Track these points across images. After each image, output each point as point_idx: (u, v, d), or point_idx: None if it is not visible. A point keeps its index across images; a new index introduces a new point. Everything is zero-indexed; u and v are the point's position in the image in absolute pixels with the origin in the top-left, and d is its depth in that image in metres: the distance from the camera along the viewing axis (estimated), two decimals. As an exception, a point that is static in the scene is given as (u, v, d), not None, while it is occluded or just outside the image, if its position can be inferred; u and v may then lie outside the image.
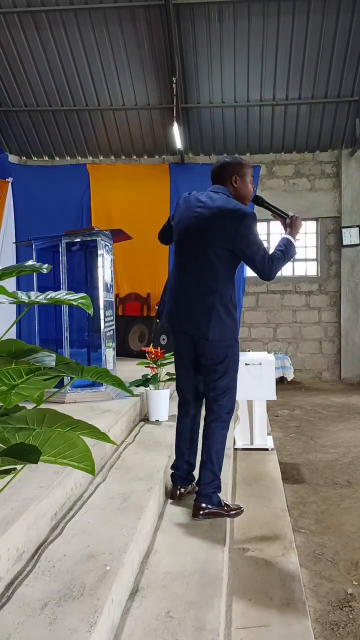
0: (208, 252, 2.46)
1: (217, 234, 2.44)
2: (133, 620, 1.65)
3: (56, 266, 3.83)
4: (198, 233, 2.48)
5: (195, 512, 2.44)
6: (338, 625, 2.25)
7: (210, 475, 2.49)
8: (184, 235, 2.56)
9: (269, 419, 5.35)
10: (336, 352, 9.06)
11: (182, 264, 2.58)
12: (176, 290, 2.57)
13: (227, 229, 2.42)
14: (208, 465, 2.51)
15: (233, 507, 2.56)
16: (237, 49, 7.40)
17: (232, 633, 1.82)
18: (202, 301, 2.46)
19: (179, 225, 2.60)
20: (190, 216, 2.52)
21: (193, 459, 2.72)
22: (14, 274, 1.17)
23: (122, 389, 1.27)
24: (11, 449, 1.02)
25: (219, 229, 2.44)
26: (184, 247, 2.57)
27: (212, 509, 2.45)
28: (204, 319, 2.45)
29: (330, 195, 8.97)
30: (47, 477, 2.12)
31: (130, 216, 7.43)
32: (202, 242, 2.47)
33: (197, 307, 2.47)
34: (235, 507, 2.58)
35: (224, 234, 2.42)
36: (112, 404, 3.60)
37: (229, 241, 2.42)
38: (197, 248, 2.49)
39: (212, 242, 2.45)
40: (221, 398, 2.54)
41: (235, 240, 2.41)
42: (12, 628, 1.39)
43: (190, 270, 2.52)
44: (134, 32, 7.23)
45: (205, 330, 2.45)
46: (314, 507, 3.59)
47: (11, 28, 7.26)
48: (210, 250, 2.45)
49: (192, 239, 2.51)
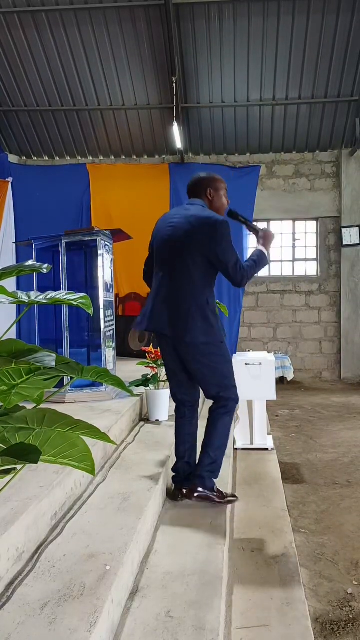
0: (184, 259, 2.54)
1: (193, 241, 2.52)
2: (133, 620, 1.65)
3: (56, 266, 3.83)
4: (174, 241, 2.57)
5: (189, 494, 2.56)
6: (338, 625, 2.25)
7: (208, 459, 2.59)
8: (162, 245, 2.65)
9: (269, 419, 5.35)
10: (336, 352, 9.06)
11: (160, 272, 2.66)
12: (155, 296, 2.65)
13: (201, 237, 2.50)
14: (208, 449, 2.60)
15: (226, 495, 2.66)
16: (237, 49, 7.40)
17: (232, 633, 1.82)
18: (179, 306, 2.54)
19: (157, 239, 2.70)
20: (166, 228, 2.63)
21: (193, 460, 2.76)
22: (14, 274, 1.17)
23: (122, 389, 1.27)
24: (11, 449, 1.02)
25: (194, 236, 2.52)
26: (162, 256, 2.65)
27: (204, 493, 2.55)
28: (181, 323, 2.53)
29: (330, 195, 8.97)
30: (47, 477, 2.12)
31: (130, 216, 7.43)
32: (178, 249, 2.56)
33: (175, 311, 2.55)
34: (229, 495, 2.68)
35: (199, 241, 2.51)
36: (112, 404, 3.60)
37: (203, 248, 2.50)
38: (174, 256, 2.58)
39: (188, 250, 2.53)
40: (220, 394, 2.62)
41: (210, 247, 2.49)
42: (12, 628, 1.39)
43: (168, 276, 2.60)
44: (134, 32, 7.23)
45: (182, 334, 2.53)
46: (314, 507, 3.59)
47: (11, 28, 7.27)
48: (186, 257, 2.54)
49: (169, 248, 2.60)
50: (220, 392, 2.61)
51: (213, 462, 2.60)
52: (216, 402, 2.65)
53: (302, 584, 2.20)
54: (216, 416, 2.63)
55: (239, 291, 8.08)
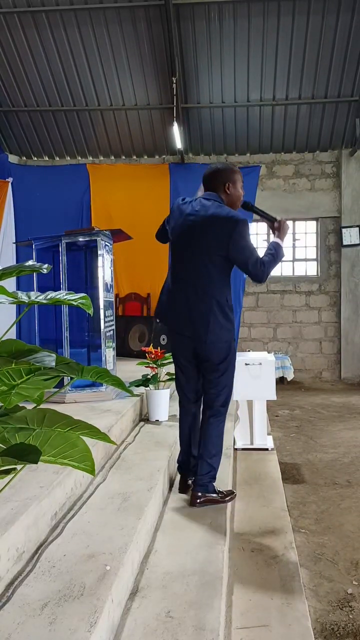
0: (203, 258, 2.55)
1: (211, 240, 2.53)
2: (133, 620, 1.65)
3: (56, 266, 3.83)
4: (192, 240, 2.58)
5: (193, 501, 2.60)
6: (338, 625, 2.25)
7: (207, 467, 2.64)
8: (179, 242, 2.66)
9: (269, 419, 5.35)
10: (336, 352, 9.06)
11: (178, 270, 2.67)
12: (173, 295, 2.68)
13: (220, 236, 2.52)
14: (205, 457, 2.64)
15: (227, 493, 2.74)
16: (237, 49, 7.39)
17: (232, 633, 1.82)
18: (199, 306, 2.57)
19: (174, 232, 2.69)
20: (185, 224, 2.62)
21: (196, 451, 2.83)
22: (14, 274, 1.17)
23: (122, 389, 1.27)
24: (11, 449, 1.02)
25: (212, 235, 2.53)
26: (180, 254, 2.66)
27: (208, 497, 2.61)
28: (201, 323, 2.56)
29: (330, 195, 8.96)
30: (47, 477, 2.12)
31: (130, 216, 7.43)
32: (196, 248, 2.57)
33: (195, 311, 2.58)
34: (228, 493, 2.76)
35: (218, 240, 2.52)
36: (112, 404, 3.60)
37: (222, 247, 2.52)
38: (192, 254, 2.58)
39: (207, 249, 2.55)
40: (221, 393, 2.68)
41: (229, 247, 2.51)
42: (12, 628, 1.39)
43: (186, 275, 2.62)
44: (134, 32, 7.23)
45: (203, 333, 2.56)
46: (314, 507, 3.59)
47: (11, 28, 7.26)
48: (205, 256, 2.55)
49: (186, 246, 2.61)
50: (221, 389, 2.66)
51: (211, 469, 2.66)
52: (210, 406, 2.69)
53: (302, 584, 2.20)
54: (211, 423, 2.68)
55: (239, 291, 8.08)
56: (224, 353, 2.61)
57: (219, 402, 2.67)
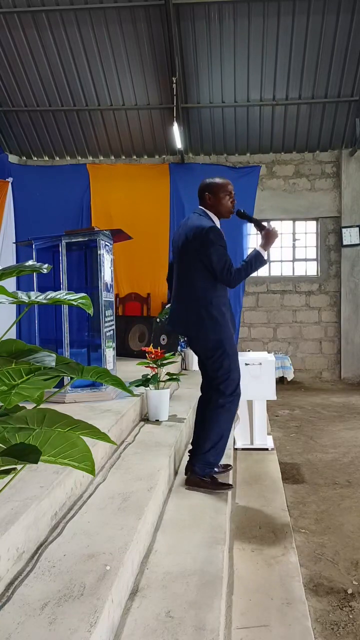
0: (188, 265, 2.84)
1: (189, 249, 2.81)
2: (133, 620, 1.65)
3: (56, 266, 3.83)
4: (180, 250, 2.89)
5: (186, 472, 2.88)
6: (338, 625, 2.25)
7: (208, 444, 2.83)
8: (175, 253, 3.01)
9: (269, 419, 5.35)
10: (336, 352, 9.06)
11: (174, 279, 3.00)
12: (172, 299, 3.02)
13: (194, 244, 2.78)
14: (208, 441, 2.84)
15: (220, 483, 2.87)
16: (237, 49, 7.39)
17: (232, 633, 1.82)
18: (188, 307, 2.88)
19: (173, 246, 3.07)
20: (175, 239, 2.98)
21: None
22: (14, 274, 1.17)
23: (122, 389, 1.27)
24: (11, 449, 1.02)
25: (190, 245, 2.80)
26: (175, 263, 3.00)
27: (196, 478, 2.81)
28: (190, 323, 2.86)
29: (330, 195, 8.97)
30: (47, 477, 2.12)
31: (130, 216, 7.44)
32: (183, 257, 2.87)
33: (185, 312, 2.90)
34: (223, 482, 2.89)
35: (194, 249, 2.79)
36: (112, 404, 3.60)
37: (198, 254, 2.77)
38: (181, 262, 2.90)
39: (189, 256, 2.82)
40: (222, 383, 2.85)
41: (203, 253, 2.75)
42: (12, 628, 1.39)
43: (179, 281, 2.94)
44: (134, 32, 7.23)
45: (193, 332, 2.89)
46: (314, 507, 3.59)
47: (11, 28, 7.26)
48: (189, 264, 2.83)
49: (177, 255, 2.95)
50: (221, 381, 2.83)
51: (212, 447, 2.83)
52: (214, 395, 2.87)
53: (302, 584, 2.20)
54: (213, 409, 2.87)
55: (239, 291, 8.08)
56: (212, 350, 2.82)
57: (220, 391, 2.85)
